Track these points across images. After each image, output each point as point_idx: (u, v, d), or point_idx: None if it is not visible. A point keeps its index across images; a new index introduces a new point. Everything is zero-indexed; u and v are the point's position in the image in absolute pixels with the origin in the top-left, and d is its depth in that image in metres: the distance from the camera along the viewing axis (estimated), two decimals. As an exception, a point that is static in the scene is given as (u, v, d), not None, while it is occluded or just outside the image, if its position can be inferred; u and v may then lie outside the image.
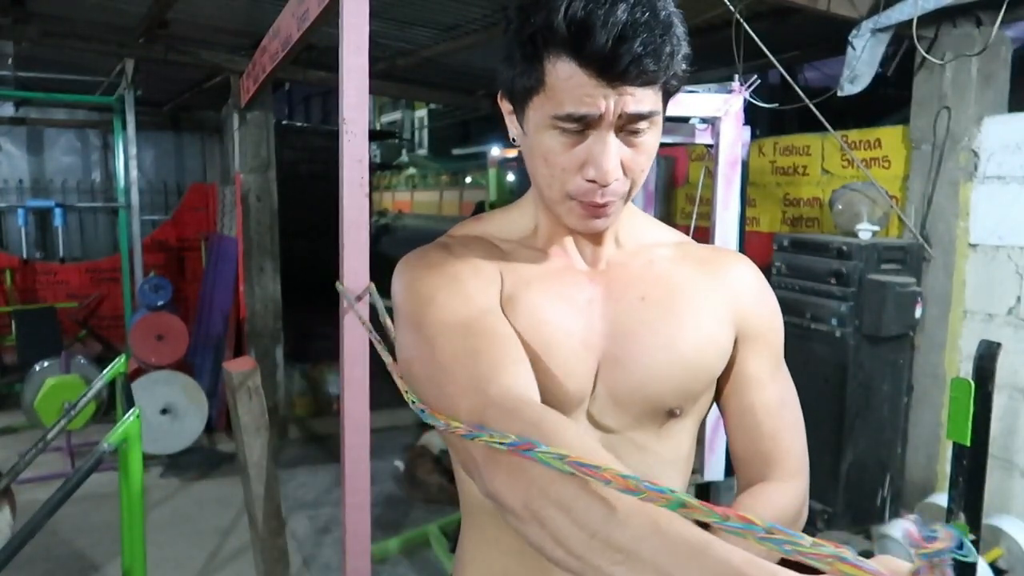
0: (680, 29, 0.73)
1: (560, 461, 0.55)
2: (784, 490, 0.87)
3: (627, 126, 0.74)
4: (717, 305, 0.86)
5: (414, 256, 0.85)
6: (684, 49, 0.74)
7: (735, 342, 0.88)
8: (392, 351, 0.89)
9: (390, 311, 0.96)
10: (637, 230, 0.90)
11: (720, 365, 0.87)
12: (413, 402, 0.74)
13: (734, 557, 0.48)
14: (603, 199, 0.76)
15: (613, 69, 0.69)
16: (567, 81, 0.71)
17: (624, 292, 0.85)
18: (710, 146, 2.56)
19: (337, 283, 1.90)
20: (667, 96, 0.77)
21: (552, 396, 0.80)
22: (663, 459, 0.87)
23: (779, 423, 0.89)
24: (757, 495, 0.86)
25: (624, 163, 0.75)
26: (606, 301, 0.85)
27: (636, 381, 0.82)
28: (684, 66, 0.75)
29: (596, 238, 0.86)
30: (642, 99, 0.72)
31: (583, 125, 0.73)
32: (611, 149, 0.73)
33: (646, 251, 0.89)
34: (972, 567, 2.00)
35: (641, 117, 0.73)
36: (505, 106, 0.82)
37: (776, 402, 0.89)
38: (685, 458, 0.90)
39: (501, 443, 0.59)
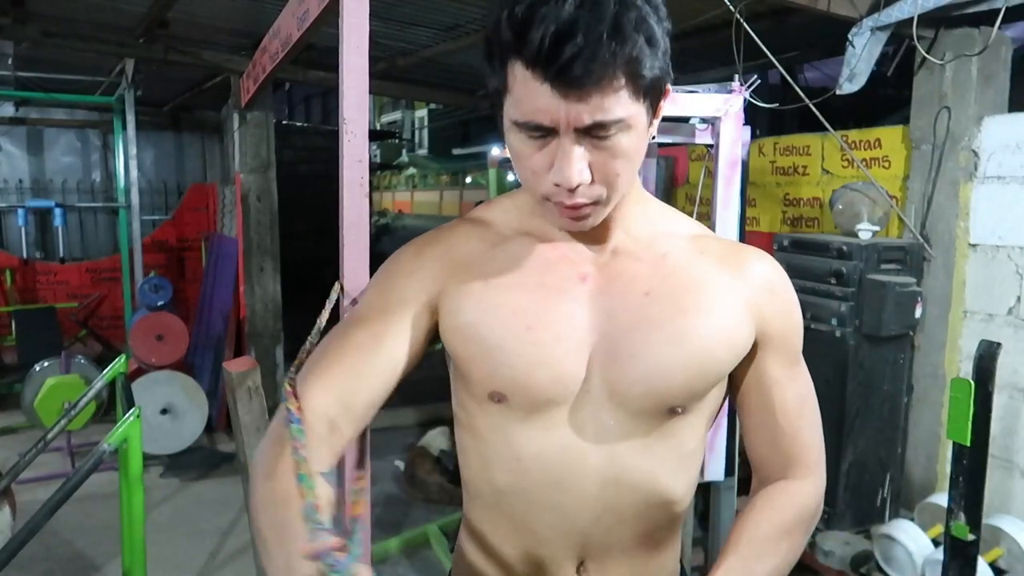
0: (636, 12, 0.66)
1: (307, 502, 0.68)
2: (804, 487, 0.90)
3: (592, 131, 0.70)
4: (735, 302, 0.84)
5: (398, 250, 0.91)
6: (651, 29, 0.68)
7: (755, 341, 0.87)
8: None
9: None
10: (652, 218, 0.88)
11: (731, 363, 0.85)
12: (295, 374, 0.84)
13: None
14: (571, 202, 0.74)
15: (552, 69, 0.65)
16: (523, 87, 0.69)
17: (629, 285, 0.83)
18: (710, 146, 2.56)
19: (337, 283, 1.90)
20: (648, 94, 0.71)
21: (531, 386, 0.81)
22: (665, 457, 0.85)
23: (799, 422, 0.90)
24: (779, 493, 0.89)
25: (593, 167, 0.72)
26: (605, 294, 0.83)
27: (636, 376, 0.81)
28: (652, 48, 0.68)
29: (598, 228, 0.82)
30: (601, 106, 0.68)
31: (543, 132, 0.71)
32: (571, 156, 0.70)
33: (661, 242, 0.86)
34: (972, 567, 2.00)
35: (603, 126, 0.69)
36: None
37: (797, 401, 0.90)
38: (689, 456, 0.88)
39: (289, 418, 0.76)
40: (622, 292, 0.83)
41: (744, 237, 2.93)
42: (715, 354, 0.82)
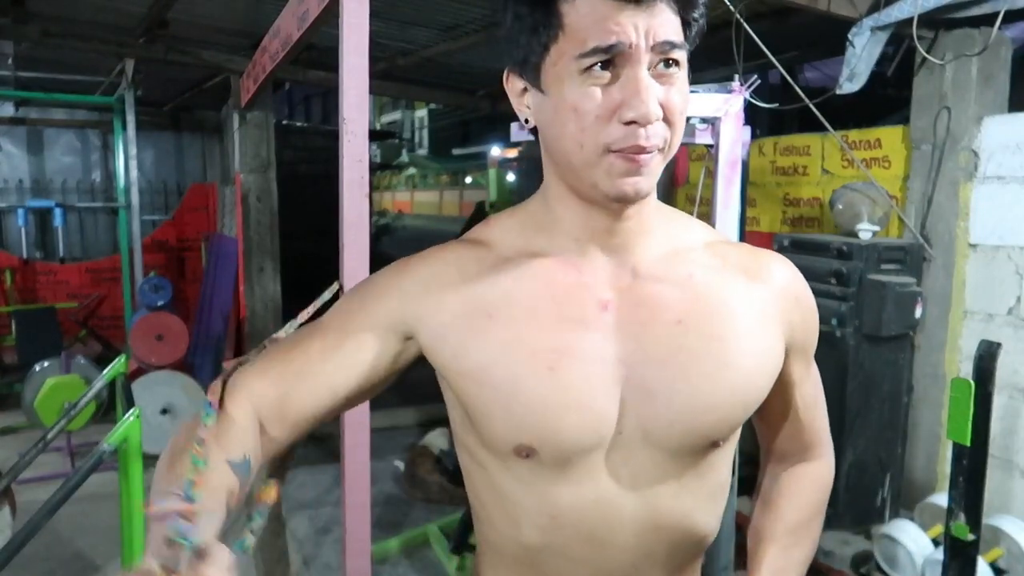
0: None
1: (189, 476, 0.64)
2: (821, 468, 0.95)
3: (659, 61, 0.67)
4: (766, 318, 0.79)
5: (398, 260, 0.84)
6: None
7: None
8: None
9: None
10: (669, 229, 0.81)
11: (770, 386, 0.80)
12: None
13: None
14: (648, 142, 0.67)
15: None
16: (589, 14, 0.66)
17: (657, 313, 0.75)
18: (710, 146, 2.55)
19: (336, 282, 1.90)
20: (692, 41, 0.71)
21: (562, 435, 0.73)
22: (699, 493, 0.80)
23: (815, 412, 0.93)
24: (804, 479, 0.94)
25: (662, 104, 0.68)
26: (632, 323, 0.75)
27: (674, 414, 0.74)
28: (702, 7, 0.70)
29: (622, 240, 0.76)
30: (671, 25, 0.67)
31: (612, 63, 0.66)
32: (648, 82, 0.66)
33: (683, 258, 0.79)
34: (972, 567, 2.00)
35: (673, 46, 0.67)
36: (515, 85, 0.75)
37: (812, 395, 0.92)
38: (723, 485, 0.84)
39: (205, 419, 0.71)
40: (650, 321, 0.75)
41: (744, 237, 2.93)
42: (756, 381, 0.78)
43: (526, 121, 0.75)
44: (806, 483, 0.94)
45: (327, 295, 1.54)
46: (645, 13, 0.66)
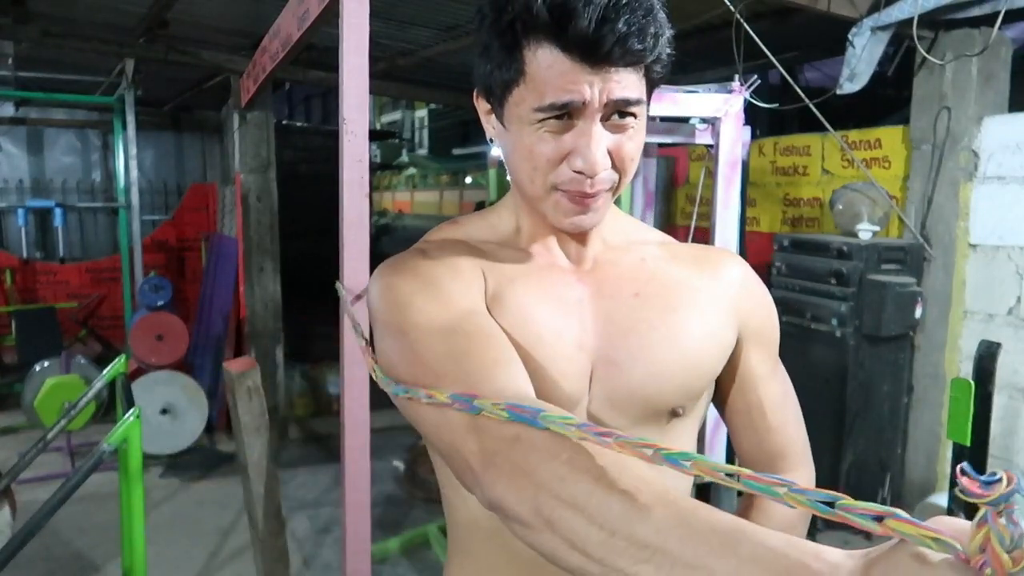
0: (662, 13, 0.71)
1: (569, 428, 0.53)
2: (796, 479, 0.88)
3: (614, 114, 0.71)
4: (717, 303, 0.84)
5: (389, 262, 0.81)
6: (667, 32, 0.72)
7: (737, 340, 0.87)
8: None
9: None
10: (623, 228, 0.88)
11: (722, 361, 0.85)
12: (386, 380, 0.70)
13: (772, 540, 0.45)
14: (592, 189, 0.72)
15: (598, 51, 0.67)
16: (549, 69, 0.69)
17: (617, 289, 0.82)
18: (710, 146, 2.56)
19: (337, 283, 1.90)
20: (651, 86, 0.74)
21: (546, 400, 0.74)
22: (667, 468, 0.83)
23: (784, 416, 0.91)
24: None
25: (612, 153, 0.72)
26: (597, 299, 0.81)
27: (636, 381, 0.79)
28: (668, 50, 0.72)
29: (581, 237, 0.82)
30: (628, 84, 0.70)
31: (567, 115, 0.70)
32: (598, 137, 0.70)
33: (635, 248, 0.86)
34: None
35: (628, 103, 0.71)
36: (482, 105, 0.79)
37: (780, 397, 0.90)
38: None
39: (502, 411, 0.58)
40: (613, 296, 0.81)
41: (744, 237, 2.93)
42: (708, 351, 0.82)
43: (490, 140, 0.81)
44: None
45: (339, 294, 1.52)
46: (601, 75, 0.68)
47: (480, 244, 0.83)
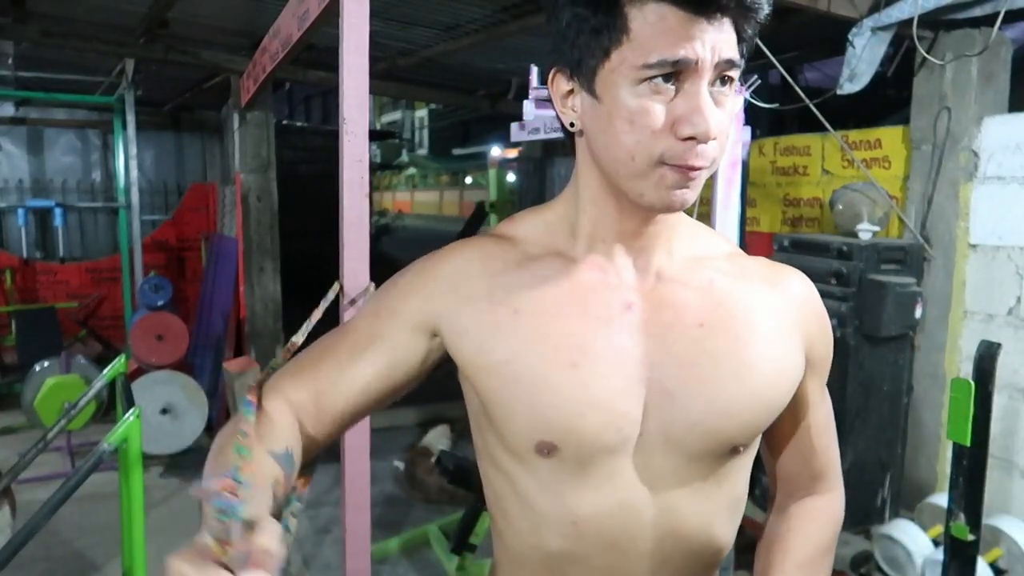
0: None
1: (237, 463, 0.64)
2: (833, 503, 0.92)
3: (717, 80, 0.67)
4: (788, 330, 0.79)
5: (420, 258, 0.84)
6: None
7: None
8: None
9: None
10: (691, 237, 0.81)
11: (791, 393, 0.80)
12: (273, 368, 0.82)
13: None
14: (699, 162, 0.66)
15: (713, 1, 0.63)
16: (657, 24, 0.64)
17: (680, 316, 0.75)
18: (710, 146, 2.55)
19: (336, 283, 1.90)
20: (742, 53, 0.69)
21: (584, 432, 0.72)
22: (719, 502, 0.79)
23: (828, 439, 0.89)
24: (816, 512, 0.90)
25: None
26: (656, 325, 0.75)
27: (696, 417, 0.73)
28: (768, 7, 0.68)
29: (647, 243, 0.76)
30: (733, 43, 0.66)
31: (675, 76, 0.65)
32: (710, 101, 0.66)
33: (702, 265, 0.79)
34: (972, 567, 2.00)
35: (733, 64, 0.66)
36: (560, 86, 0.73)
37: (826, 420, 0.89)
38: (740, 498, 0.83)
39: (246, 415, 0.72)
40: (674, 323, 0.75)
41: (744, 237, 2.93)
42: (779, 386, 0.77)
43: (571, 124, 0.73)
44: (816, 516, 0.89)
45: (331, 295, 1.54)
46: (713, 28, 0.64)
47: (530, 247, 0.78)
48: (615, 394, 0.72)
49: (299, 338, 0.89)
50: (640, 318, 0.75)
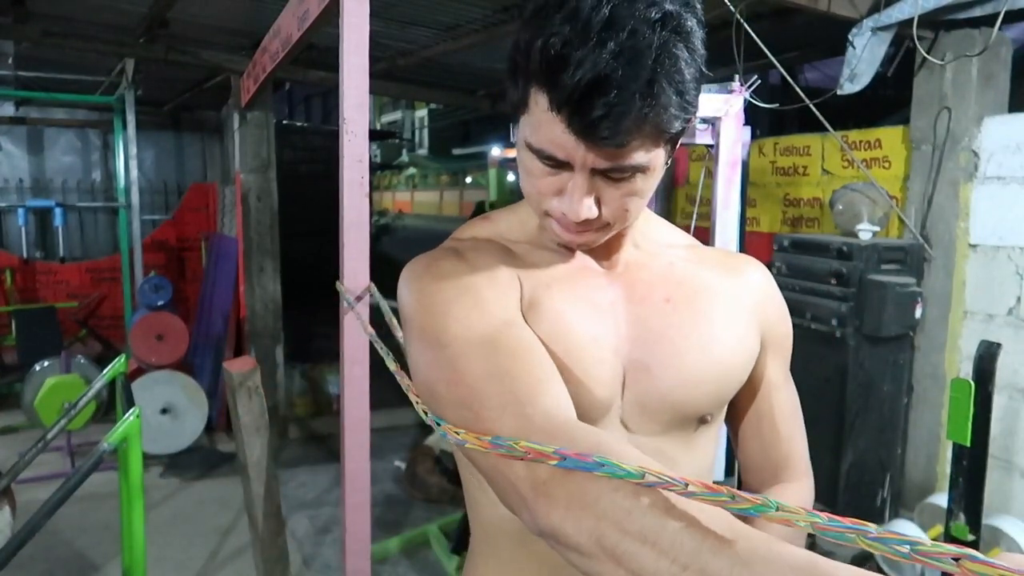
0: (672, 68, 0.63)
1: (634, 476, 0.50)
2: (798, 490, 0.90)
3: (609, 173, 0.68)
4: (744, 309, 0.83)
5: (421, 264, 0.78)
6: (691, 80, 0.65)
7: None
8: (395, 352, 0.87)
9: (395, 311, 0.94)
10: (653, 232, 0.86)
11: (749, 369, 0.84)
12: (438, 423, 0.67)
13: (844, 573, 0.44)
14: (578, 228, 0.72)
15: (577, 120, 0.62)
16: (543, 115, 0.65)
17: (648, 293, 0.80)
18: (710, 146, 2.56)
19: (337, 283, 1.90)
20: (670, 141, 0.69)
21: (580, 406, 0.73)
22: (690, 471, 0.81)
23: (792, 427, 0.91)
24: (778, 495, 0.87)
25: (603, 202, 0.70)
26: (629, 303, 0.80)
27: (667, 387, 0.78)
28: (678, 115, 0.65)
29: (611, 240, 0.79)
30: (621, 154, 0.65)
31: (557, 163, 0.68)
32: (581, 191, 0.68)
33: (664, 252, 0.85)
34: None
35: (622, 171, 0.67)
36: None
37: (790, 407, 0.90)
38: (710, 468, 0.86)
39: (562, 458, 0.54)
40: (644, 300, 0.80)
41: (744, 237, 2.93)
42: (738, 359, 0.82)
43: (513, 141, 0.79)
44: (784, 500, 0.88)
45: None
46: (588, 145, 0.65)
47: (513, 245, 0.82)
48: (600, 369, 0.76)
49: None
50: (618, 298, 0.80)
